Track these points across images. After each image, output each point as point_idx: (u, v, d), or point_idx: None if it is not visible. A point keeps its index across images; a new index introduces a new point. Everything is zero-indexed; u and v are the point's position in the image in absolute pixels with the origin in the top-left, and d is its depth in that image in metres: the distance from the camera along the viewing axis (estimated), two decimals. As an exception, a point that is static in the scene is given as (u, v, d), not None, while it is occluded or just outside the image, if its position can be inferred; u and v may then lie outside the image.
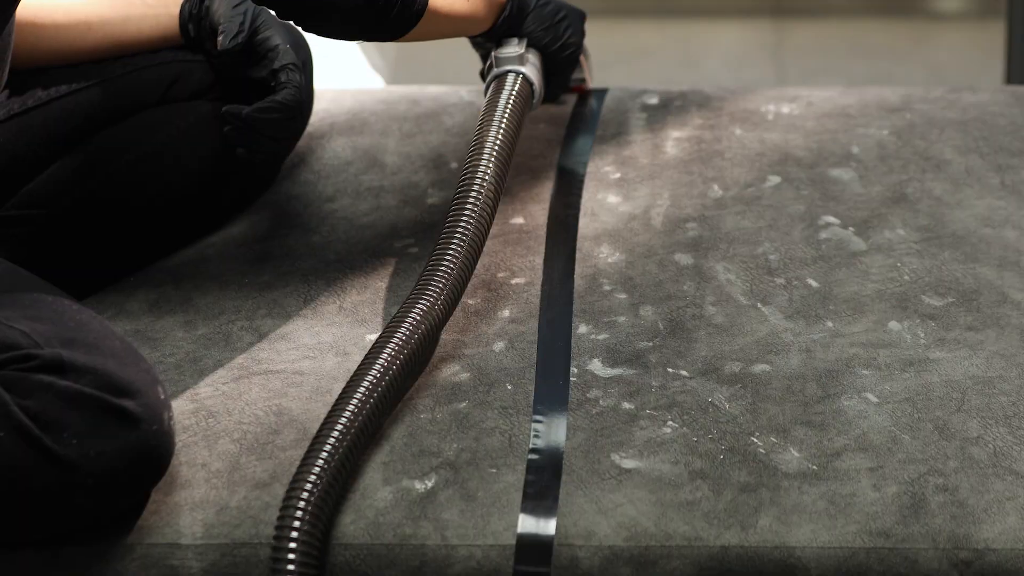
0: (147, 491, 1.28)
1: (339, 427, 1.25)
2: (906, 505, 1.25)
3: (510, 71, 1.59)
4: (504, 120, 1.52)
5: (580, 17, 1.70)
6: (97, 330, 1.27)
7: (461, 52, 1.86)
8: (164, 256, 1.61)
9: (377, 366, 1.30)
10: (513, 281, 1.54)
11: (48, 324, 1.24)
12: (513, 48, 1.60)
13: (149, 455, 1.24)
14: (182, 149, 1.61)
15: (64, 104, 1.57)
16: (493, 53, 1.61)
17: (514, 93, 1.56)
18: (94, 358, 1.23)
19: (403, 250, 1.60)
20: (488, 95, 1.57)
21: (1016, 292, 1.49)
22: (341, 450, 1.24)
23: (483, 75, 1.67)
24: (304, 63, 1.66)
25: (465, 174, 1.47)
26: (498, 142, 1.49)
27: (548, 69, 1.66)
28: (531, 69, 1.61)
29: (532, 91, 1.60)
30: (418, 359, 1.35)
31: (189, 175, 1.61)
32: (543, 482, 1.28)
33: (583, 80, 1.81)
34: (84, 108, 1.57)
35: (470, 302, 1.50)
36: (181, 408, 1.37)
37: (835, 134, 1.77)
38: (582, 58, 1.77)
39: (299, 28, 1.47)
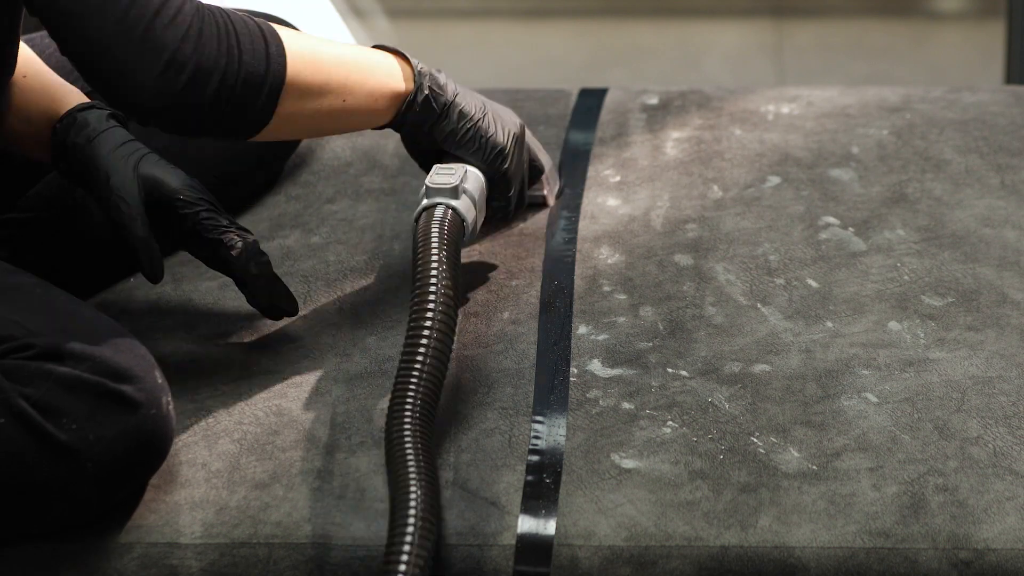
0: (148, 477, 1.28)
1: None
2: (906, 505, 1.25)
3: (439, 204, 1.43)
4: (442, 264, 1.35)
5: (514, 133, 1.52)
6: (90, 318, 1.28)
7: (462, 52, 1.86)
8: (168, 256, 1.61)
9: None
10: (513, 282, 1.53)
11: (41, 315, 1.25)
12: (445, 176, 1.45)
13: (149, 439, 1.25)
14: (189, 151, 1.61)
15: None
16: (426, 179, 1.45)
17: (444, 232, 1.39)
18: (90, 345, 1.23)
19: (403, 252, 1.60)
20: (417, 230, 1.41)
21: (1016, 292, 1.49)
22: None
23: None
24: None
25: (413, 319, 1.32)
26: (442, 288, 1.33)
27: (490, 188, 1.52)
28: (465, 202, 1.44)
29: (464, 226, 1.43)
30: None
31: (198, 176, 1.62)
32: (543, 482, 1.28)
33: (543, 197, 1.64)
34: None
35: (469, 304, 1.50)
36: (181, 408, 1.37)
37: (835, 134, 1.77)
38: (544, 177, 1.63)
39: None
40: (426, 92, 1.44)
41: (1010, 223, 1.59)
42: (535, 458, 1.31)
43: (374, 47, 1.46)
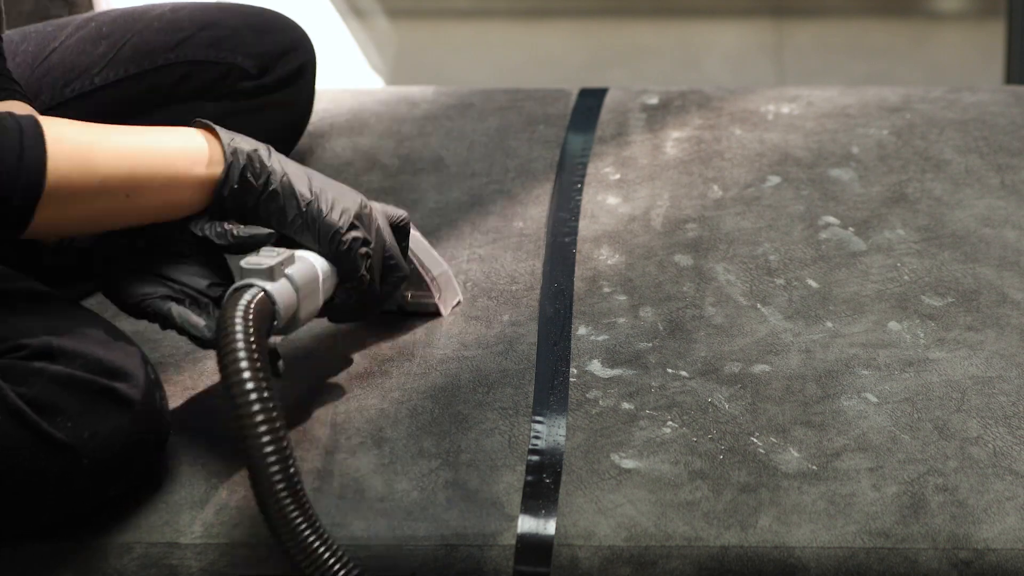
0: (144, 472, 1.28)
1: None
2: (906, 505, 1.25)
3: (250, 286, 1.24)
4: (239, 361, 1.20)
5: (353, 211, 1.34)
6: (79, 316, 1.28)
7: (462, 52, 1.86)
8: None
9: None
10: (513, 285, 1.53)
11: (33, 316, 1.26)
12: (266, 257, 1.27)
13: (143, 434, 1.25)
14: None
15: (75, 105, 1.58)
16: (242, 260, 1.27)
17: (244, 322, 1.21)
18: (82, 343, 1.24)
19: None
20: (221, 314, 1.23)
21: (1016, 292, 1.49)
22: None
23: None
24: (304, 66, 1.68)
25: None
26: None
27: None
28: (282, 287, 1.26)
29: (274, 312, 1.25)
30: None
31: None
32: (543, 482, 1.28)
33: (433, 305, 1.47)
34: (92, 109, 1.57)
35: (470, 307, 1.50)
36: (181, 408, 1.37)
37: (835, 134, 1.77)
38: (420, 271, 1.45)
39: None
40: (240, 173, 1.28)
41: (1010, 223, 1.59)
42: (535, 458, 1.31)
43: (194, 122, 1.31)
